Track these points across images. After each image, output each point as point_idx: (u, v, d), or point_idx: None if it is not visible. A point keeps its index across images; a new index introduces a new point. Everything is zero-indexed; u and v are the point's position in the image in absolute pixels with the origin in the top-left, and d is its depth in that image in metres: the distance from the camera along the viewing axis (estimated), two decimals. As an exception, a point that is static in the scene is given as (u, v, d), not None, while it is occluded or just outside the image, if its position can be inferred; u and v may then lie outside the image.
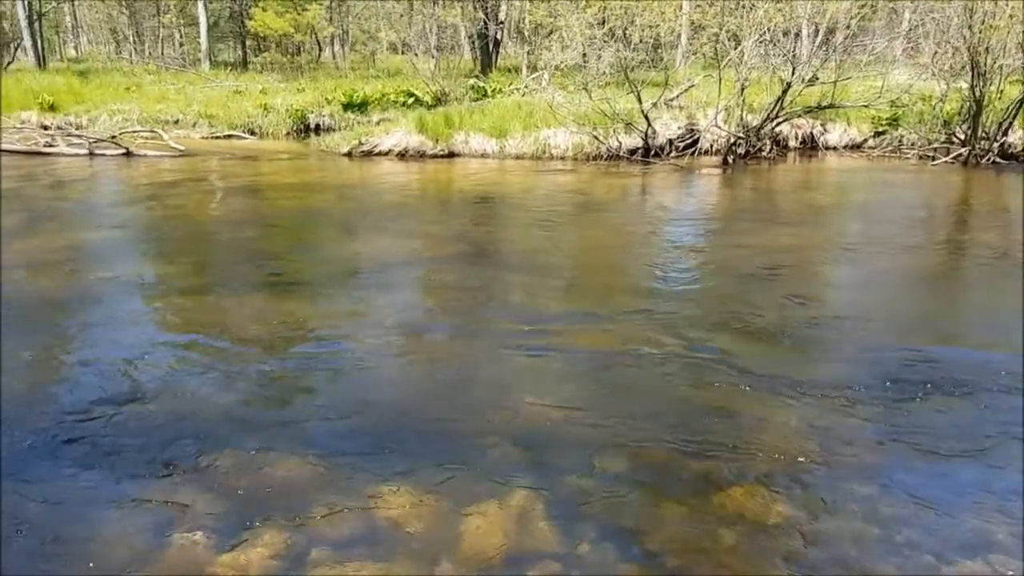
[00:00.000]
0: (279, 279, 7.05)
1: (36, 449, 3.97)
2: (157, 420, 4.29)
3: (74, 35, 40.41)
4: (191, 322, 5.90)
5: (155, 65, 25.99)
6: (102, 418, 4.28)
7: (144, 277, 7.12)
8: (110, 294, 6.52)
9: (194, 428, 4.21)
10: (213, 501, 3.55)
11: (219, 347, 5.36)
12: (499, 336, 5.67)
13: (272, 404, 4.54)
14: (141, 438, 4.09)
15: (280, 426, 4.25)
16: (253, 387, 4.77)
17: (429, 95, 18.35)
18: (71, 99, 17.80)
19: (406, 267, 7.56)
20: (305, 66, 27.23)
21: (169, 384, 4.74)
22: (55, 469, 3.79)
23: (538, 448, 4.06)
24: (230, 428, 4.23)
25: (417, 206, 10.98)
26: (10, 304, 6.17)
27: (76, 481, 3.69)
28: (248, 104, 18.11)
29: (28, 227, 8.95)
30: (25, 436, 4.08)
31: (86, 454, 3.92)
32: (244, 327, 5.76)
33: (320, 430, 4.22)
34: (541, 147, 14.64)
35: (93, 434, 4.12)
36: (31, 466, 3.81)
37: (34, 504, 3.51)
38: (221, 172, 13.12)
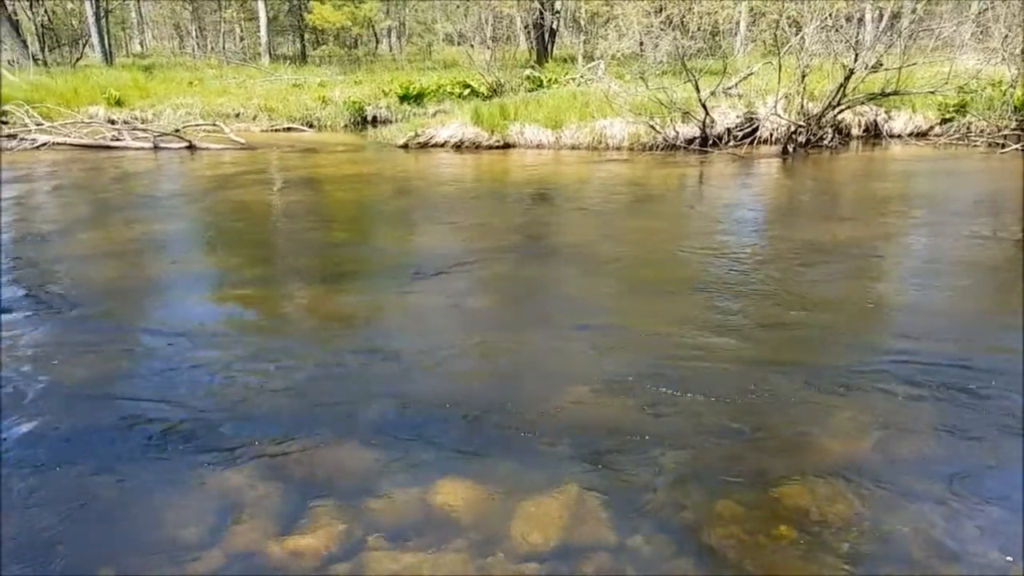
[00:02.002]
0: (336, 270, 7.14)
1: (101, 433, 4.08)
2: (218, 407, 4.39)
3: (139, 31, 41.44)
4: (251, 313, 6.01)
5: (217, 60, 26.51)
6: (165, 404, 4.40)
7: (206, 268, 7.28)
8: (173, 284, 6.68)
9: (254, 415, 4.30)
10: (271, 486, 3.62)
11: (277, 337, 5.46)
12: (553, 327, 5.66)
13: (329, 393, 4.60)
14: (204, 424, 4.18)
15: (337, 414, 4.31)
16: (310, 376, 4.83)
17: (485, 86, 18.36)
18: (136, 94, 18.27)
19: (461, 258, 7.57)
20: (362, 58, 27.51)
21: (228, 373, 4.84)
22: (119, 453, 3.89)
23: (593, 440, 4.04)
24: (289, 416, 4.30)
25: (472, 197, 11.01)
26: (78, 293, 6.38)
27: (140, 465, 3.79)
28: (307, 97, 18.36)
29: (96, 219, 9.23)
30: (90, 421, 4.21)
31: (149, 439, 4.03)
32: (302, 317, 5.86)
33: (376, 419, 4.27)
34: (597, 137, 14.54)
35: (156, 420, 4.22)
36: (96, 450, 3.92)
37: (99, 486, 3.62)
38: (280, 164, 13.33)
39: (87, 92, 17.91)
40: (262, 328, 5.66)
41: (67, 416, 4.26)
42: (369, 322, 5.77)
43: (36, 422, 4.19)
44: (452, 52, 28.97)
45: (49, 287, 6.52)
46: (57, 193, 10.73)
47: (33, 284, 6.59)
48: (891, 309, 6.04)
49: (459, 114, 15.61)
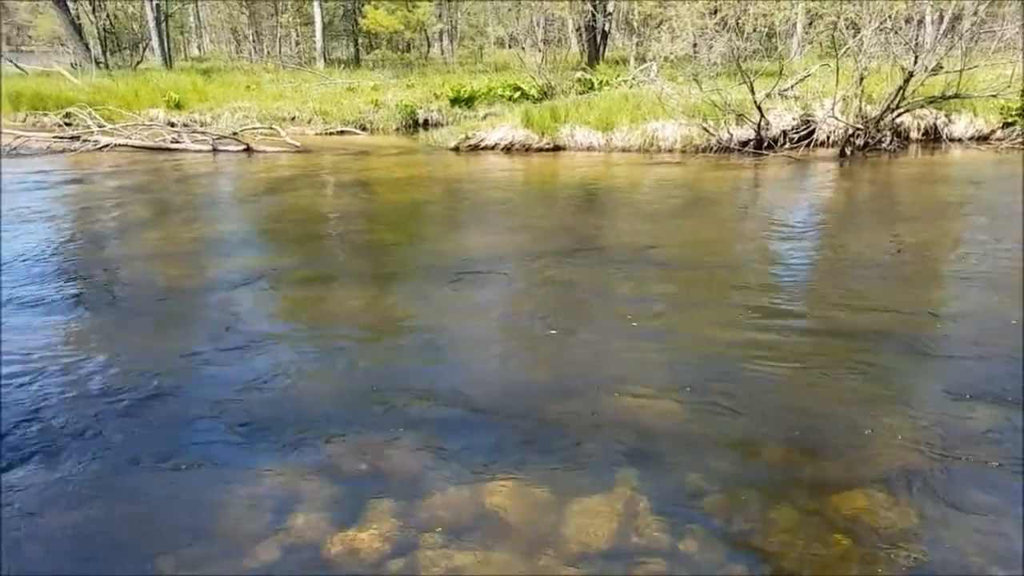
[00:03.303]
0: (388, 271, 7.22)
1: (161, 427, 4.19)
2: (275, 403, 4.47)
3: (197, 35, 42.36)
4: (305, 312, 6.11)
5: (273, 64, 26.99)
6: (223, 400, 4.49)
7: (262, 268, 7.40)
8: (230, 284, 6.82)
9: (308, 412, 4.37)
10: (327, 482, 3.68)
11: (330, 335, 5.54)
12: (606, 329, 5.65)
13: (382, 391, 4.65)
14: (261, 419, 4.27)
15: (391, 412, 4.36)
16: (362, 374, 4.91)
17: (535, 89, 18.39)
18: (195, 97, 18.69)
19: (511, 260, 7.60)
20: (414, 62, 27.75)
21: (285, 370, 4.93)
22: (178, 446, 3.99)
23: (645, 443, 4.03)
24: (342, 413, 4.37)
25: (522, 200, 11.04)
26: (139, 292, 6.56)
27: (199, 458, 3.89)
28: (360, 101, 18.59)
29: (156, 220, 9.46)
30: (150, 416, 4.32)
31: (209, 433, 4.13)
32: (355, 316, 5.94)
33: (428, 417, 4.31)
34: (648, 139, 14.46)
35: (214, 415, 4.32)
36: (156, 443, 4.02)
37: (160, 478, 3.72)
38: (334, 167, 13.52)
39: (147, 95, 18.37)
40: (316, 327, 5.75)
41: (129, 410, 4.37)
42: (421, 322, 5.82)
43: (99, 415, 4.31)
44: (503, 55, 29.08)
45: (111, 285, 6.71)
46: (119, 194, 11.02)
47: (96, 283, 6.78)
48: (952, 316, 5.90)
49: (509, 117, 15.66)
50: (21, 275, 6.86)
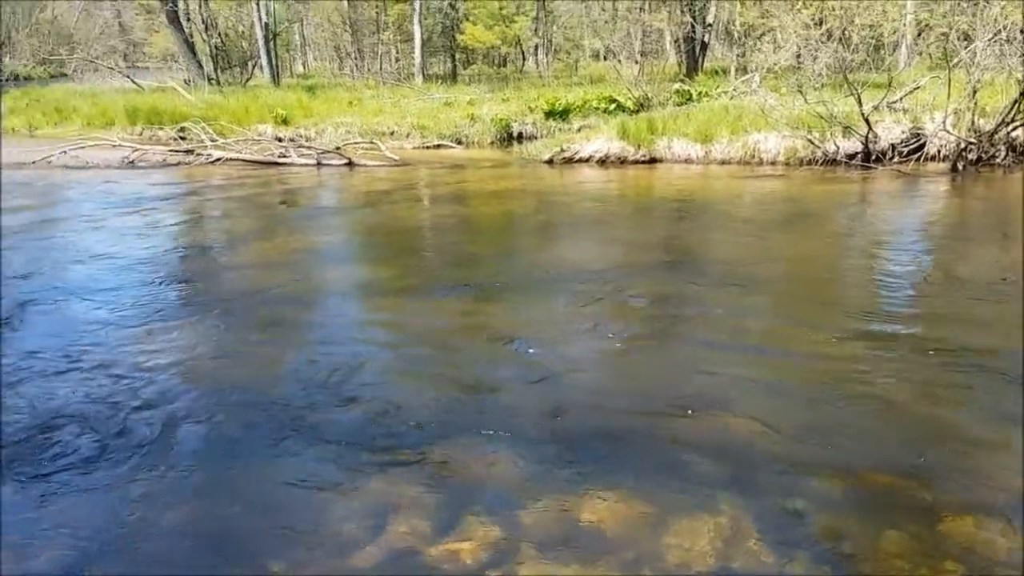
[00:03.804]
0: (482, 282, 7.28)
1: (263, 431, 4.32)
2: (370, 414, 4.56)
3: (302, 53, 43.80)
4: (400, 323, 6.21)
5: (373, 80, 27.67)
6: (323, 407, 4.62)
7: (361, 278, 7.59)
8: (331, 294, 7.02)
9: (405, 421, 4.44)
10: (425, 489, 3.74)
11: (425, 347, 5.62)
12: (702, 345, 5.57)
13: (477, 401, 4.71)
14: (360, 427, 4.37)
15: (485, 422, 4.40)
16: (457, 386, 4.96)
17: (631, 101, 18.28)
18: (301, 113, 19.31)
19: (605, 274, 7.57)
20: (510, 76, 27.99)
21: (380, 380, 5.04)
22: (284, 450, 4.11)
23: (744, 462, 3.94)
24: (438, 423, 4.42)
25: (617, 212, 10.98)
26: (244, 300, 6.80)
27: (300, 463, 3.99)
28: (456, 115, 18.86)
29: (263, 231, 9.82)
30: (253, 420, 4.46)
31: (306, 443, 4.22)
32: (448, 329, 6.00)
33: (524, 429, 4.32)
34: (750, 152, 14.17)
35: (311, 424, 4.43)
36: (259, 447, 4.15)
37: (262, 481, 3.83)
38: (430, 180, 13.75)
39: (256, 111, 19.10)
40: (413, 337, 5.84)
41: (231, 415, 4.54)
42: (515, 333, 5.85)
43: (204, 419, 4.49)
44: (598, 67, 29.01)
45: (220, 293, 6.99)
46: (230, 205, 11.49)
47: (206, 290, 7.08)
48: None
49: (605, 129, 15.60)
50: (136, 281, 7.22)
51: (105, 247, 8.50)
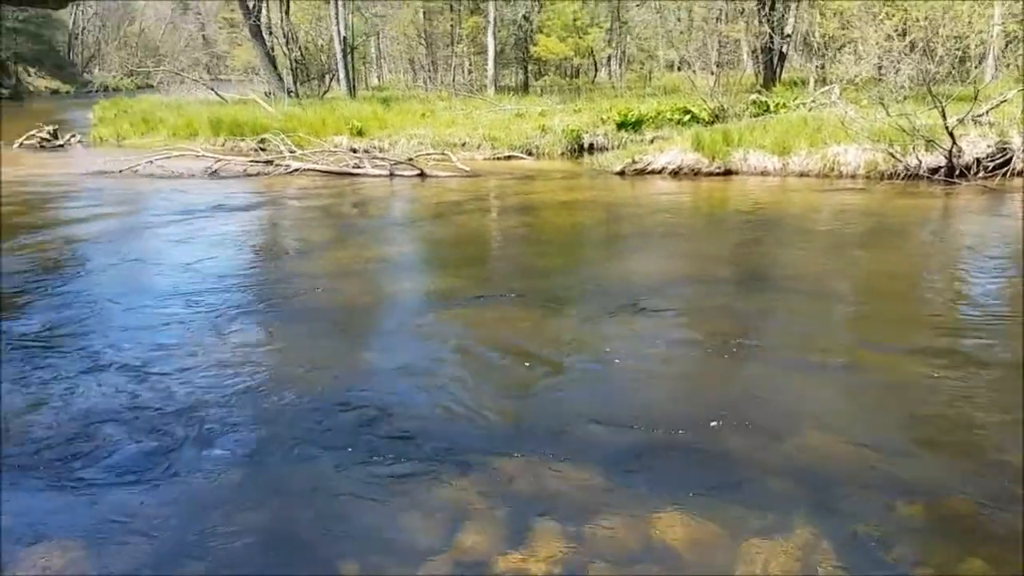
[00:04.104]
0: (552, 294, 7.24)
1: (329, 441, 4.35)
2: (438, 422, 4.58)
3: (377, 65, 44.60)
4: (468, 332, 6.20)
5: (446, 92, 27.97)
6: (388, 417, 4.64)
7: (429, 288, 7.62)
8: (399, 303, 7.07)
9: (477, 431, 4.45)
10: (495, 500, 3.72)
11: (492, 358, 5.61)
12: (777, 361, 5.43)
13: (546, 412, 4.68)
14: (424, 438, 4.37)
15: (555, 434, 4.36)
16: (525, 397, 4.94)
17: (706, 112, 18.03)
18: (376, 125, 19.62)
19: (677, 287, 7.46)
20: (582, 87, 27.94)
21: (448, 389, 5.04)
22: (346, 461, 4.12)
23: (822, 483, 3.82)
24: (509, 434, 4.41)
25: (690, 225, 10.81)
26: (316, 307, 6.90)
27: (367, 473, 4.00)
28: (527, 126, 18.88)
29: (337, 240, 9.97)
30: (325, 426, 4.51)
31: (374, 449, 4.24)
32: (516, 339, 5.98)
33: (592, 443, 4.28)
34: (829, 164, 13.80)
35: (379, 431, 4.46)
36: (325, 457, 4.17)
37: (329, 492, 3.85)
38: (500, 191, 13.78)
39: (333, 123, 19.47)
40: (481, 346, 5.83)
41: (301, 419, 4.59)
42: (586, 346, 5.80)
43: (274, 423, 4.56)
44: (672, 78, 28.75)
45: (296, 300, 7.10)
46: (306, 215, 11.73)
47: (276, 297, 7.20)
48: None
49: (678, 140, 15.40)
50: (214, 287, 7.40)
51: (185, 254, 8.75)
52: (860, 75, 15.79)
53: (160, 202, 12.29)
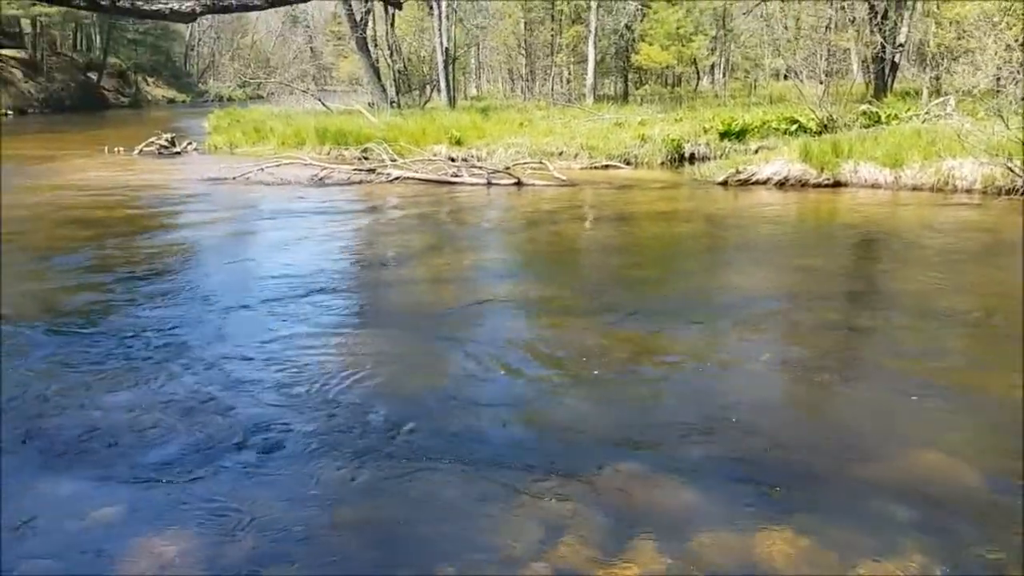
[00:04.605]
0: (648, 305, 7.15)
1: (426, 444, 4.37)
2: (535, 430, 4.58)
3: (476, 76, 45.14)
4: (565, 342, 6.16)
5: (544, 101, 28.04)
6: (485, 423, 4.65)
7: (525, 297, 7.60)
8: (495, 311, 7.06)
9: (570, 441, 4.41)
10: (592, 511, 3.66)
11: (588, 369, 5.54)
12: (885, 380, 5.24)
13: (642, 424, 4.61)
14: (521, 445, 4.38)
15: (651, 447, 4.29)
16: (623, 408, 4.87)
17: (814, 122, 17.49)
18: (474, 134, 19.81)
19: (779, 301, 7.24)
20: (684, 96, 27.54)
21: (544, 398, 5.04)
22: (445, 464, 4.12)
23: (937, 509, 3.65)
24: (604, 444, 4.35)
25: (795, 237, 10.48)
26: (414, 312, 7.01)
27: (465, 477, 4.00)
28: (626, 135, 18.71)
29: (434, 247, 10.08)
30: (416, 431, 4.53)
31: (472, 454, 4.24)
32: (614, 350, 5.90)
33: (691, 457, 4.19)
34: (943, 178, 13.15)
35: (476, 436, 4.47)
36: (424, 459, 4.19)
37: (429, 494, 3.86)
38: (597, 200, 13.69)
39: (433, 132, 19.77)
40: (578, 357, 5.77)
41: (399, 421, 4.63)
42: (683, 359, 5.71)
43: (373, 424, 4.62)
44: (777, 87, 28.05)
45: (388, 305, 7.23)
46: (404, 222, 11.94)
47: (374, 301, 7.34)
48: None
49: (785, 151, 14.98)
50: (315, 290, 7.59)
51: (290, 258, 9.02)
52: (977, 86, 14.98)
53: (269, 208, 12.71)
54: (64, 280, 7.92)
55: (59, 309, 6.91)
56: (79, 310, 6.86)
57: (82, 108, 43.16)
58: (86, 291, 7.48)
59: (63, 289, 7.55)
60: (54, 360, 5.60)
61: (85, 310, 6.85)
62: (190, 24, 58.58)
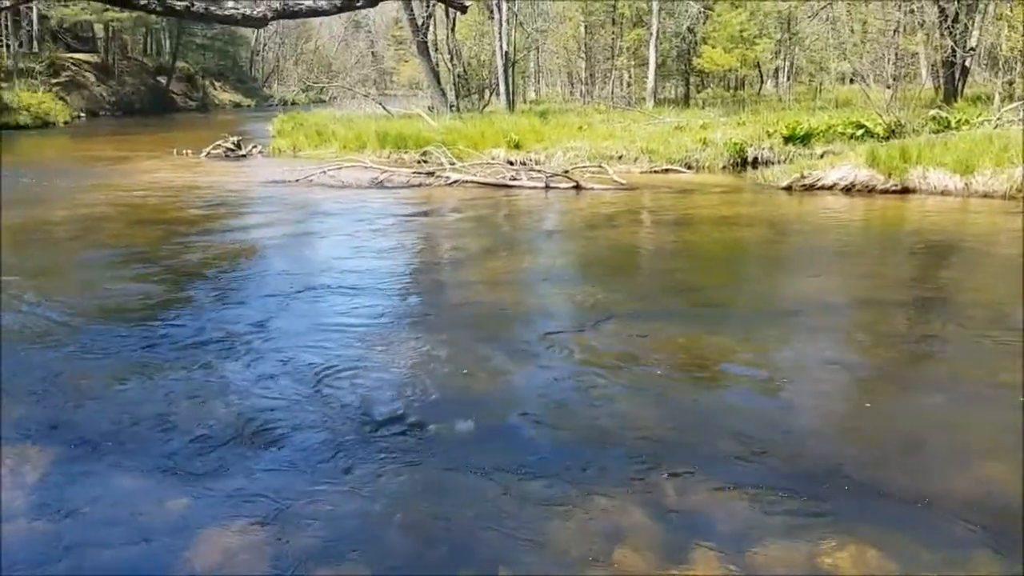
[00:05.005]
0: (703, 311, 7.05)
1: (483, 446, 4.39)
2: (594, 433, 4.52)
3: (535, 79, 45.22)
4: (622, 347, 6.09)
5: (604, 104, 27.93)
6: (542, 425, 4.63)
7: (583, 301, 7.55)
8: (552, 314, 7.05)
9: (628, 445, 4.35)
10: (650, 519, 3.61)
11: (647, 374, 5.48)
12: (953, 392, 5.09)
13: (703, 435, 4.52)
14: (580, 448, 4.34)
15: (712, 458, 4.21)
16: (681, 416, 4.81)
17: (881, 127, 17.08)
18: (533, 138, 19.81)
19: (847, 309, 7.08)
20: (747, 99, 27.15)
21: (602, 402, 4.98)
22: (501, 465, 4.11)
23: (1005, 521, 3.53)
24: (662, 449, 4.29)
25: (861, 244, 10.24)
26: (470, 314, 7.01)
27: (523, 479, 3.98)
28: (687, 139, 18.52)
29: (492, 250, 10.10)
30: (472, 433, 4.55)
31: (529, 456, 4.23)
32: (667, 356, 5.84)
33: (753, 466, 4.10)
34: (1016, 186, 12.70)
35: (534, 439, 4.46)
36: (480, 461, 4.18)
37: (487, 496, 3.85)
38: (657, 204, 13.56)
39: (491, 136, 19.83)
40: (634, 362, 5.71)
41: (455, 423, 4.64)
42: (745, 366, 5.62)
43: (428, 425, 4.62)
44: (843, 91, 27.47)
45: (445, 306, 7.26)
46: (462, 225, 11.98)
47: (432, 303, 7.39)
48: None
49: (851, 156, 14.65)
50: (372, 290, 7.70)
51: (349, 259, 9.15)
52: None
53: (329, 210, 12.90)
54: (130, 276, 8.14)
55: (126, 305, 7.10)
56: (149, 305, 7.05)
57: (151, 111, 44.46)
58: (155, 285, 7.68)
59: (130, 283, 7.76)
60: (112, 353, 5.77)
61: (155, 305, 7.04)
62: (256, 30, 59.92)
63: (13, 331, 6.24)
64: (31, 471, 4.06)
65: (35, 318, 6.62)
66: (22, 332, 6.23)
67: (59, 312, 6.78)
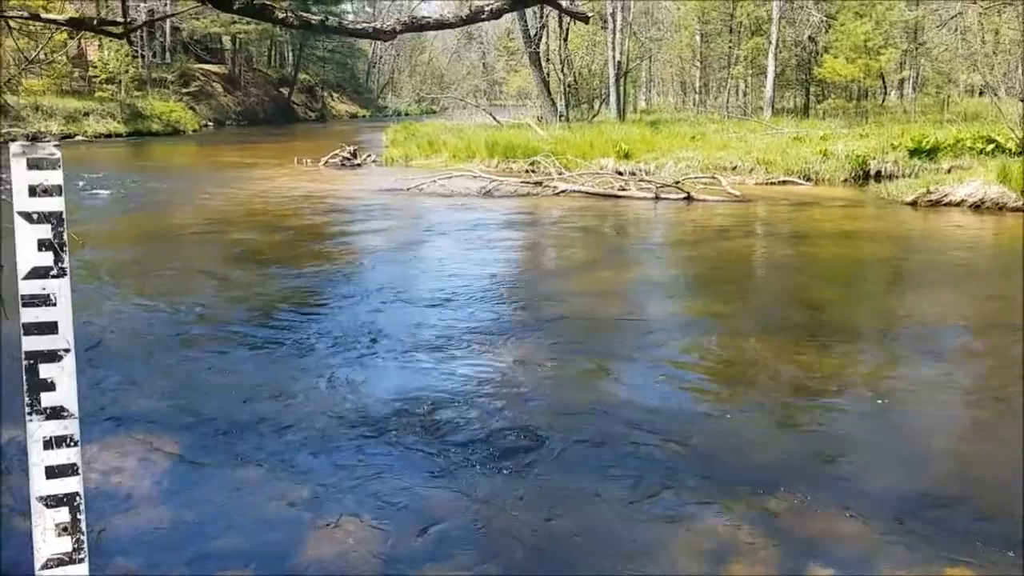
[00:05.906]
0: (823, 328, 6.80)
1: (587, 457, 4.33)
2: (703, 448, 4.43)
3: (647, 89, 44.81)
4: (729, 361, 5.96)
5: (718, 114, 27.41)
6: (649, 439, 4.52)
7: (688, 313, 7.41)
8: (659, 327, 6.93)
9: (741, 462, 4.27)
10: (765, 539, 3.49)
11: (760, 390, 5.34)
12: None
13: (817, 455, 4.38)
14: (688, 463, 4.25)
15: (826, 478, 4.07)
16: (795, 434, 4.70)
17: (1013, 142, 16.08)
18: (643, 147, 19.59)
19: (971, 332, 6.71)
20: (870, 110, 26.12)
21: (712, 417, 4.89)
22: (606, 477, 4.07)
23: None
24: (776, 471, 4.16)
25: (989, 263, 9.68)
26: (576, 325, 6.96)
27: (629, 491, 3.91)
28: (807, 150, 17.93)
29: (598, 261, 10.04)
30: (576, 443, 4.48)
31: (635, 468, 4.15)
32: (781, 372, 5.66)
33: (869, 488, 3.94)
34: None
35: (639, 451, 4.36)
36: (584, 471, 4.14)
37: (588, 505, 3.81)
38: (772, 217, 13.18)
39: (600, 145, 19.73)
40: (745, 378, 5.58)
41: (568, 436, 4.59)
42: (861, 386, 5.41)
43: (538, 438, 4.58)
44: (972, 104, 26.07)
45: (550, 316, 7.21)
46: (569, 235, 11.96)
47: (536, 311, 7.38)
48: None
49: (981, 171, 13.87)
50: (477, 297, 7.76)
51: (457, 266, 9.27)
52: None
53: (439, 218, 13.11)
54: (249, 277, 8.49)
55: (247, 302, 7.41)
56: (268, 305, 7.33)
57: (274, 121, 46.36)
58: (273, 287, 7.98)
59: (250, 285, 8.09)
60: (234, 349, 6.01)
61: (273, 306, 7.32)
62: (374, 43, 61.73)
63: (138, 329, 6.60)
64: (160, 460, 4.25)
65: (159, 315, 6.97)
66: (147, 329, 6.57)
67: (184, 310, 7.15)
